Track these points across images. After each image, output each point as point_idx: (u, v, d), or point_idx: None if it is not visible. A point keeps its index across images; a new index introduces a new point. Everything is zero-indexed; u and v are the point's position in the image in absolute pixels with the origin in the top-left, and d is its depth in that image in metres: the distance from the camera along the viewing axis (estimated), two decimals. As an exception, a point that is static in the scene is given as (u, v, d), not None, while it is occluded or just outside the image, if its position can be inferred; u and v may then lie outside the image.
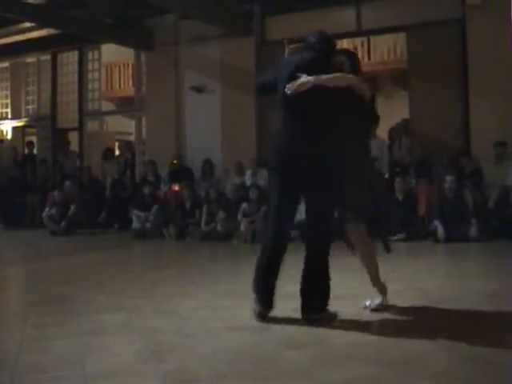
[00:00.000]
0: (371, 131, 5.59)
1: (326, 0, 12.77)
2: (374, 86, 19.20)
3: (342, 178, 4.75)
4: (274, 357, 3.76)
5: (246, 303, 5.24)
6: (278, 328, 4.40)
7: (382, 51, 18.00)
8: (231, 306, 5.27)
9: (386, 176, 11.64)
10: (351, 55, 5.19)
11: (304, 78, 4.61)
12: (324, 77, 4.62)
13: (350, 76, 4.77)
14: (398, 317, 4.78)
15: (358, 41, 17.90)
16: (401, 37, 14.95)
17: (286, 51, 5.20)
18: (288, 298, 5.41)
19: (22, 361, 3.78)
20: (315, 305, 4.67)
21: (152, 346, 4.06)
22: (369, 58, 18.38)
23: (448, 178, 10.23)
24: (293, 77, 4.66)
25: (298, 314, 4.74)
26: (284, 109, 4.85)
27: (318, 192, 4.71)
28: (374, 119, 5.18)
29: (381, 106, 17.13)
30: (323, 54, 4.85)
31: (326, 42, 4.92)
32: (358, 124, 4.85)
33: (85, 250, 10.54)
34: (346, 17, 12.96)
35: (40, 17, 13.19)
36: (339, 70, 4.77)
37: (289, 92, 4.65)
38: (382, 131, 12.99)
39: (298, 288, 4.76)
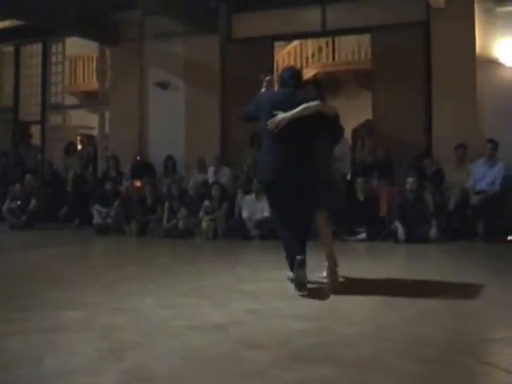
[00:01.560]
0: (337, 142, 6.76)
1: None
2: (336, 86, 19.40)
3: (316, 183, 5.98)
4: (233, 357, 3.77)
5: (206, 302, 5.29)
6: (236, 328, 4.41)
7: (347, 52, 18.13)
8: (191, 304, 5.28)
9: (348, 176, 11.71)
10: (317, 85, 6.47)
11: (280, 115, 5.78)
12: (295, 110, 5.76)
13: (314, 103, 5.83)
14: (355, 318, 4.83)
15: (322, 41, 18.00)
16: (365, 38, 15.06)
17: (264, 84, 6.31)
18: (246, 297, 5.46)
19: (-21, 358, 3.76)
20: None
21: (111, 344, 4.04)
22: (333, 59, 18.49)
23: (409, 179, 10.32)
24: (271, 114, 5.81)
25: (255, 315, 4.78)
26: (266, 136, 5.96)
27: (300, 196, 5.90)
28: (340, 132, 6.45)
29: (344, 106, 17.33)
30: (295, 89, 6.00)
31: (297, 77, 6.16)
32: (326, 138, 6.18)
33: (45, 245, 10.45)
34: (311, 17, 13.04)
35: (4, 7, 13.02)
36: (311, 99, 5.87)
37: (271, 128, 5.79)
38: (346, 131, 13.06)
39: (257, 287, 4.96)
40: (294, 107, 5.79)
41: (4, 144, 16.71)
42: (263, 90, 6.30)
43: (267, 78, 6.34)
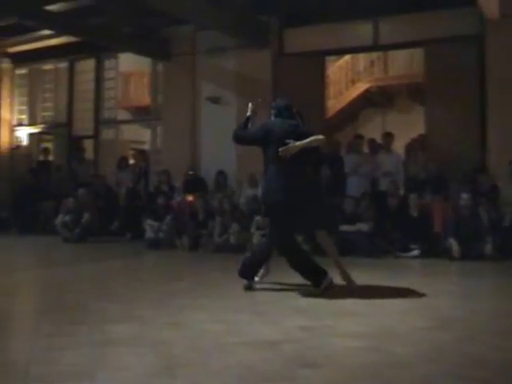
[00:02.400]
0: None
1: (344, 13, 12.71)
2: (388, 100, 19.29)
3: (316, 204, 6.92)
4: (286, 375, 3.70)
5: (258, 318, 5.23)
6: (289, 346, 4.34)
7: (399, 66, 18.00)
8: (244, 320, 5.23)
9: (401, 192, 11.60)
10: (300, 115, 7.10)
11: (292, 144, 6.47)
12: (306, 141, 6.52)
13: (322, 138, 6.73)
14: (407, 336, 4.73)
15: (374, 55, 17.92)
16: (418, 51, 14.95)
17: (252, 109, 7.17)
18: (298, 313, 5.40)
19: (32, 372, 3.74)
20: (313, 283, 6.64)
21: (164, 360, 4.01)
22: (385, 73, 18.39)
23: (463, 195, 10.14)
24: (283, 142, 6.49)
25: (308, 332, 4.71)
26: (274, 161, 6.61)
27: (302, 215, 6.72)
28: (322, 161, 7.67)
29: (397, 120, 17.20)
30: (294, 120, 6.89)
31: (292, 109, 6.98)
32: (314, 165, 7.42)
33: (97, 259, 10.54)
34: (363, 31, 12.93)
35: (59, 24, 13.25)
36: (310, 133, 6.71)
37: (282, 154, 6.46)
38: (399, 147, 12.94)
39: (310, 304, 5.59)
40: (298, 138, 6.54)
41: (58, 158, 16.96)
42: (249, 113, 7.13)
43: (253, 104, 7.22)
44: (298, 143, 6.48)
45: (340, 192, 11.72)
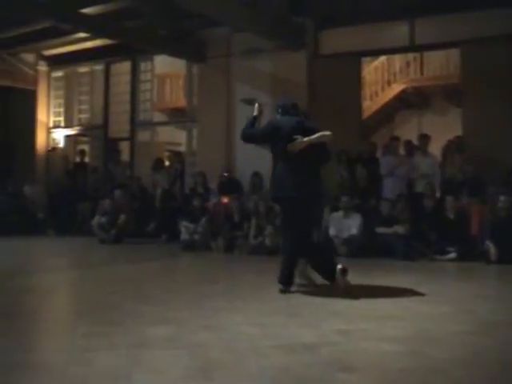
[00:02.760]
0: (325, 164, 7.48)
1: (380, 14, 12.63)
2: (424, 101, 19.16)
3: (321, 199, 7.35)
4: (324, 379, 3.66)
5: (294, 321, 5.20)
6: (326, 349, 4.30)
7: (435, 66, 17.87)
8: (280, 323, 5.20)
9: (438, 194, 11.50)
10: (307, 115, 7.68)
11: (300, 139, 6.63)
12: (313, 137, 6.65)
13: (329, 133, 6.80)
14: (444, 341, 4.67)
15: (410, 56, 17.80)
16: (454, 51, 14.81)
17: (257, 109, 7.23)
18: (334, 316, 5.36)
19: (70, 372, 3.76)
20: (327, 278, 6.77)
21: (200, 362, 3.99)
22: (421, 74, 18.27)
23: (501, 198, 10.02)
24: (291, 138, 6.65)
25: (345, 336, 4.67)
26: (283, 157, 6.76)
27: (309, 211, 6.87)
28: (329, 157, 7.21)
29: (433, 122, 17.03)
30: (300, 117, 7.02)
31: (297, 107, 7.15)
32: (321, 162, 7.09)
33: (132, 260, 10.59)
34: (399, 31, 12.84)
35: (95, 27, 13.35)
36: (317, 129, 6.80)
37: (290, 149, 6.63)
38: (435, 148, 12.82)
39: (346, 306, 5.59)
40: (305, 134, 6.68)
41: (94, 160, 17.10)
42: (255, 114, 7.19)
43: (259, 105, 7.29)
44: (305, 139, 6.64)
45: (376, 194, 11.65)
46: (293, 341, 4.56)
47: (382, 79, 18.91)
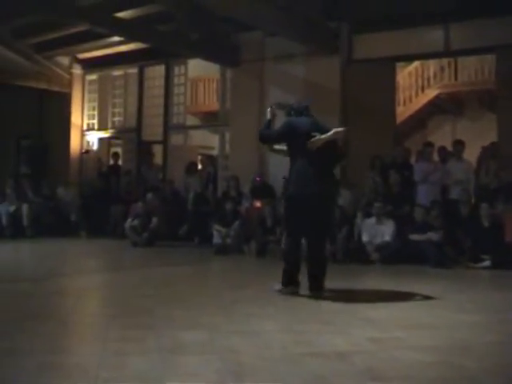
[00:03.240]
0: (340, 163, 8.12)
1: (414, 19, 12.53)
2: (459, 107, 19.00)
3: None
4: (358, 388, 3.65)
5: (327, 328, 5.17)
6: (359, 358, 4.26)
7: (469, 72, 17.71)
8: (312, 330, 5.17)
9: (472, 201, 11.39)
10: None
11: (318, 137, 6.85)
12: (329, 133, 6.86)
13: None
14: (478, 351, 4.61)
15: (444, 61, 17.67)
16: (488, 57, 14.67)
17: (270, 112, 7.55)
18: (367, 324, 5.32)
19: (102, 376, 3.77)
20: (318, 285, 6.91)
21: (232, 368, 3.98)
22: (455, 79, 18.12)
23: (537, 205, 9.90)
24: (309, 136, 6.87)
25: (378, 344, 4.63)
26: (302, 155, 6.93)
27: (326, 208, 7.25)
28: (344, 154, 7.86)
29: (468, 128, 16.83)
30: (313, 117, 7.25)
31: (309, 109, 7.32)
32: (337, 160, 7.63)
33: (164, 263, 10.61)
34: (434, 36, 12.72)
35: (129, 31, 13.43)
36: (328, 128, 7.01)
37: (310, 146, 6.84)
38: (469, 154, 12.69)
39: (378, 314, 5.55)
40: (321, 132, 6.90)
41: (128, 163, 17.18)
42: (269, 117, 7.50)
43: (272, 108, 7.59)
44: (323, 136, 6.86)
45: (409, 200, 11.57)
46: (325, 348, 4.53)
47: (416, 84, 18.78)
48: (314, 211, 6.90)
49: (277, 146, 7.71)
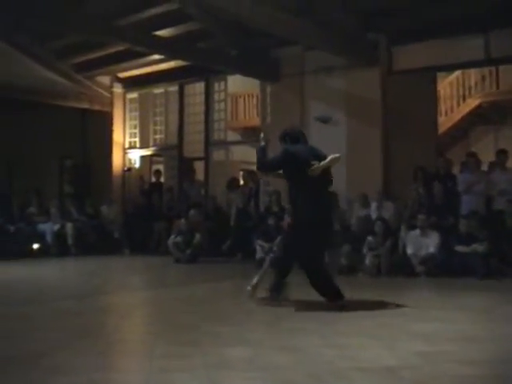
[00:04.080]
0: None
1: (453, 29, 12.42)
2: (502, 116, 18.76)
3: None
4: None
5: (372, 342, 5.11)
6: (407, 372, 4.20)
7: (511, 80, 17.48)
8: (357, 344, 5.13)
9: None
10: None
11: (317, 164, 7.02)
12: (327, 161, 7.06)
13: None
14: None
15: (485, 69, 17.48)
16: (531, 64, 14.47)
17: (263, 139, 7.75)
18: (413, 338, 5.24)
19: (148, 393, 3.78)
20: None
21: (278, 385, 3.97)
22: (497, 87, 17.91)
23: None
24: (309, 164, 7.04)
25: (426, 359, 4.56)
26: (305, 182, 7.13)
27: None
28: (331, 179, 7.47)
29: (510, 137, 16.60)
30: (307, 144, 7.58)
31: (304, 136, 7.66)
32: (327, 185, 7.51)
33: (208, 279, 10.60)
34: (474, 45, 12.54)
35: (168, 49, 13.52)
36: (324, 155, 7.22)
37: (311, 174, 7.01)
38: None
39: (424, 327, 5.57)
40: (319, 160, 7.10)
41: (169, 180, 17.28)
42: (262, 144, 7.63)
43: (264, 134, 7.84)
44: (321, 164, 7.07)
45: (453, 211, 11.43)
46: (372, 363, 4.48)
47: (457, 94, 18.61)
48: (328, 234, 7.69)
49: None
